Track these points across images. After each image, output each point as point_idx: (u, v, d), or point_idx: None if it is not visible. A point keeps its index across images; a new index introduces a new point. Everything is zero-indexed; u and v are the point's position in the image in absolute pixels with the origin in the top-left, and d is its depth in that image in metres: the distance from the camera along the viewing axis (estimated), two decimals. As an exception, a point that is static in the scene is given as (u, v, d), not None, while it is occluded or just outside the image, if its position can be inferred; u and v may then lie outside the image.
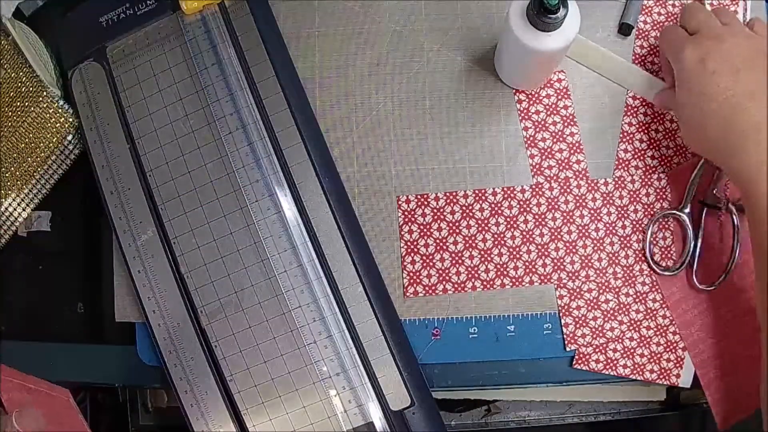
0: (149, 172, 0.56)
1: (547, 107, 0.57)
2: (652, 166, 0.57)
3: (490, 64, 0.58)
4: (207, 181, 0.55)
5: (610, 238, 0.56)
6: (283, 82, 0.56)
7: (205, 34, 0.57)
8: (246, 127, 0.56)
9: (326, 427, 0.53)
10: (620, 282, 0.56)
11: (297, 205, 0.55)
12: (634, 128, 0.57)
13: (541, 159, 0.57)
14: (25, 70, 0.57)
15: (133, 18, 0.58)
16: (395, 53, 0.58)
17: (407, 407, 0.53)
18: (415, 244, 0.56)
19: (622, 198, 0.56)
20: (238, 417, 0.53)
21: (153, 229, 0.55)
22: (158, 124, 0.56)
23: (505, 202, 0.56)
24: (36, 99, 0.57)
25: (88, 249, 0.60)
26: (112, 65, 0.58)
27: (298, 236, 0.54)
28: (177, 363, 0.54)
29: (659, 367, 0.55)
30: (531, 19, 0.46)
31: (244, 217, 0.55)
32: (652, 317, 0.55)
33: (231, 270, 0.54)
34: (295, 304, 0.54)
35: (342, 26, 0.59)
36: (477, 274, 0.56)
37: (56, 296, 0.60)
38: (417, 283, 0.56)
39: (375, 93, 0.58)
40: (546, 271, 0.56)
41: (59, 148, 0.58)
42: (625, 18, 0.58)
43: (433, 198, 0.57)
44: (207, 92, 0.56)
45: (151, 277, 0.55)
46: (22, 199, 0.59)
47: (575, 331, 0.55)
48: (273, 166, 0.55)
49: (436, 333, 0.56)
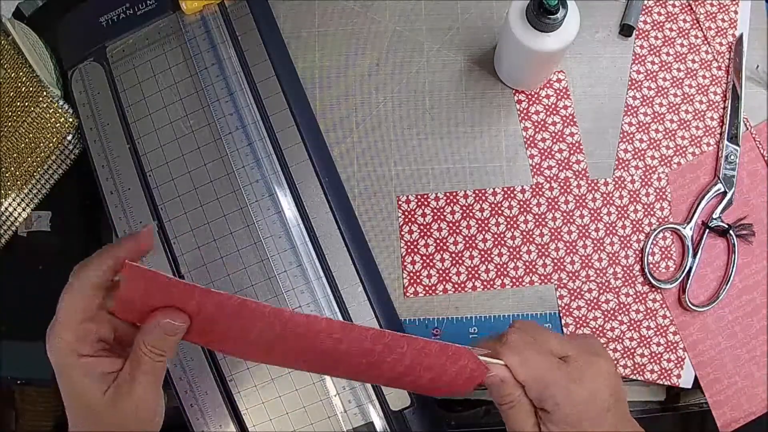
0: (149, 172, 0.56)
1: (547, 107, 0.57)
2: (652, 166, 0.57)
3: (490, 64, 0.58)
4: (207, 181, 0.55)
5: (610, 238, 0.56)
6: (283, 82, 0.56)
7: (205, 34, 0.57)
8: (246, 127, 0.56)
9: (326, 427, 0.53)
10: (620, 282, 0.56)
11: (297, 205, 0.55)
12: (634, 128, 0.57)
13: (541, 159, 0.57)
14: (25, 70, 0.57)
15: (133, 18, 0.58)
16: (395, 53, 0.58)
17: (407, 407, 0.53)
18: (415, 244, 0.56)
19: (622, 198, 0.56)
20: (238, 417, 0.53)
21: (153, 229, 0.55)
22: (158, 124, 0.56)
23: (505, 202, 0.56)
24: (36, 99, 0.57)
25: (88, 249, 0.60)
26: (112, 65, 0.58)
27: (298, 236, 0.54)
28: (177, 363, 0.54)
29: (659, 368, 0.55)
30: (531, 19, 0.46)
31: (244, 217, 0.55)
32: (652, 317, 0.55)
33: (231, 270, 0.54)
34: (295, 304, 0.54)
35: (342, 26, 0.59)
36: (477, 274, 0.56)
37: (56, 296, 0.60)
38: (417, 283, 0.56)
39: (375, 93, 0.58)
40: (546, 271, 0.56)
41: (59, 148, 0.58)
42: (626, 19, 0.58)
43: (433, 198, 0.57)
44: (207, 92, 0.56)
45: (151, 277, 0.55)
46: (22, 199, 0.59)
47: (575, 331, 0.55)
48: (273, 166, 0.55)
49: (436, 333, 0.56)
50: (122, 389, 0.39)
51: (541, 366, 0.40)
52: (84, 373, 0.39)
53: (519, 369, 0.40)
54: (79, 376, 0.39)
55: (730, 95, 0.57)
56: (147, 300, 0.39)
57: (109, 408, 0.39)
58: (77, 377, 0.39)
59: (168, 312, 0.38)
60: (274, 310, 0.38)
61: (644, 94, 0.57)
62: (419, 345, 0.40)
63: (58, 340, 0.39)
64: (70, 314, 0.39)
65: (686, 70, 0.58)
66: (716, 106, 0.57)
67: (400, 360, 0.40)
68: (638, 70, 0.58)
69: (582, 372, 0.40)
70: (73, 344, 0.39)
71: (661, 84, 0.58)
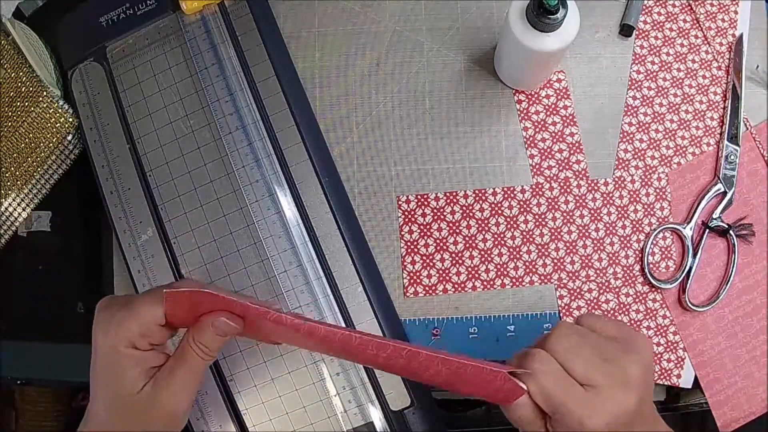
0: (149, 172, 0.56)
1: (547, 107, 0.57)
2: (652, 166, 0.57)
3: (490, 64, 0.58)
4: (207, 181, 0.55)
5: (610, 238, 0.56)
6: (283, 82, 0.56)
7: (205, 34, 0.57)
8: (246, 127, 0.56)
9: (326, 427, 0.53)
10: (620, 282, 0.56)
11: (297, 205, 0.55)
12: (634, 128, 0.57)
13: (541, 159, 0.57)
14: (25, 70, 0.57)
15: (133, 18, 0.58)
16: (395, 53, 0.58)
17: (407, 407, 0.53)
18: (415, 244, 0.56)
19: (622, 198, 0.56)
20: (238, 417, 0.53)
21: (153, 229, 0.55)
22: (158, 124, 0.56)
23: (505, 202, 0.56)
24: (36, 99, 0.57)
25: (88, 249, 0.60)
26: (112, 65, 0.58)
27: (298, 236, 0.54)
28: (177, 363, 0.54)
29: (659, 368, 0.55)
30: (531, 19, 0.46)
31: (244, 217, 0.55)
32: (652, 317, 0.55)
33: (231, 270, 0.54)
34: (296, 305, 0.54)
35: (342, 26, 0.59)
36: (477, 274, 0.56)
37: (56, 296, 0.60)
38: (417, 283, 0.56)
39: (375, 93, 0.58)
40: (546, 271, 0.56)
41: (59, 148, 0.58)
42: (626, 19, 0.58)
43: (433, 198, 0.57)
44: (207, 92, 0.56)
45: (151, 277, 0.55)
46: (22, 199, 0.59)
47: (575, 331, 0.55)
48: (273, 166, 0.55)
49: (436, 333, 0.56)
50: (160, 382, 0.42)
51: (559, 396, 0.40)
52: (135, 363, 0.42)
53: (537, 397, 0.40)
54: (129, 366, 0.42)
55: (730, 95, 0.57)
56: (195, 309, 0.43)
57: (143, 398, 0.42)
58: (128, 366, 0.42)
59: (223, 313, 0.42)
60: (308, 327, 0.41)
61: (644, 94, 0.57)
62: (453, 366, 0.40)
63: (124, 330, 0.41)
64: (147, 311, 0.42)
65: (686, 70, 0.58)
66: (716, 106, 0.57)
67: (437, 374, 0.41)
68: (638, 70, 0.58)
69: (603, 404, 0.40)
70: (136, 337, 0.42)
71: (661, 84, 0.58)
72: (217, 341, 0.43)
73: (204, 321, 0.42)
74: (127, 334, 0.41)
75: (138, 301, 0.42)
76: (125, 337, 0.41)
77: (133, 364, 0.42)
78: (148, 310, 0.42)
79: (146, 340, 0.42)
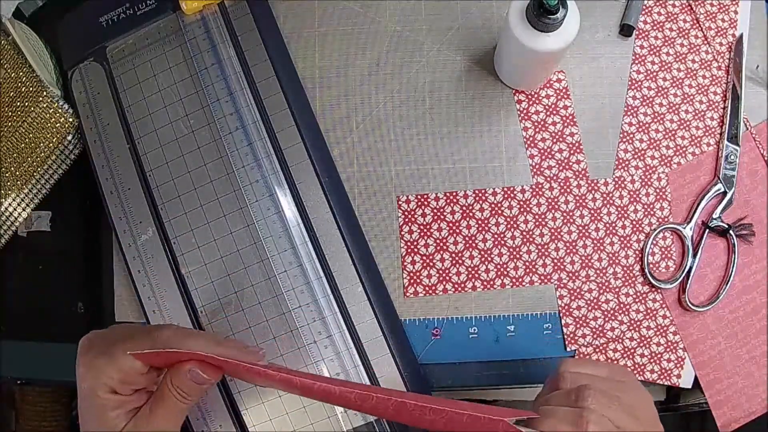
0: (149, 172, 0.56)
1: (547, 107, 0.57)
2: (652, 166, 0.57)
3: (490, 64, 0.58)
4: (207, 181, 0.55)
5: (610, 238, 0.56)
6: (283, 82, 0.56)
7: (205, 34, 0.57)
8: (246, 127, 0.56)
9: (326, 427, 0.53)
10: (620, 282, 0.56)
11: (297, 205, 0.55)
12: (634, 128, 0.57)
13: (541, 159, 0.57)
14: (25, 70, 0.57)
15: (133, 18, 0.58)
16: (395, 53, 0.58)
17: (407, 407, 0.53)
18: (415, 244, 0.56)
19: (622, 198, 0.56)
20: (238, 417, 0.53)
21: (153, 229, 0.55)
22: (158, 124, 0.56)
23: (505, 202, 0.56)
24: (36, 99, 0.57)
25: (88, 249, 0.60)
26: (112, 65, 0.58)
27: (298, 236, 0.54)
28: (177, 363, 0.54)
29: (659, 368, 0.55)
30: (531, 19, 0.46)
31: (244, 217, 0.55)
32: (652, 317, 0.55)
33: (231, 270, 0.54)
34: (295, 304, 0.54)
35: (342, 26, 0.59)
36: (477, 274, 0.56)
37: (56, 296, 0.60)
38: (417, 283, 0.56)
39: (375, 93, 0.58)
40: (546, 271, 0.56)
41: (59, 148, 0.58)
42: (626, 19, 0.58)
43: (433, 198, 0.57)
44: (207, 92, 0.56)
45: (151, 277, 0.55)
46: (22, 199, 0.59)
47: (575, 331, 0.55)
48: (273, 166, 0.55)
49: (436, 333, 0.56)
50: (141, 421, 0.42)
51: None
52: (115, 406, 0.42)
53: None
54: (110, 408, 0.42)
55: (730, 95, 0.57)
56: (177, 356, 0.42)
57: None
58: (108, 408, 0.42)
59: (199, 364, 0.42)
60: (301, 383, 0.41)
61: (644, 94, 0.57)
62: (446, 416, 0.39)
63: (106, 377, 0.41)
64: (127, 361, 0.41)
65: (686, 70, 0.58)
66: (716, 106, 0.57)
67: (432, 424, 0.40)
68: (638, 70, 0.58)
69: None
70: (117, 384, 0.41)
71: (661, 84, 0.58)
72: (195, 388, 0.42)
73: (182, 367, 0.42)
74: (108, 382, 0.41)
75: (119, 350, 0.41)
76: (105, 384, 0.41)
77: (114, 407, 0.42)
78: (129, 360, 0.41)
79: (128, 387, 0.42)
